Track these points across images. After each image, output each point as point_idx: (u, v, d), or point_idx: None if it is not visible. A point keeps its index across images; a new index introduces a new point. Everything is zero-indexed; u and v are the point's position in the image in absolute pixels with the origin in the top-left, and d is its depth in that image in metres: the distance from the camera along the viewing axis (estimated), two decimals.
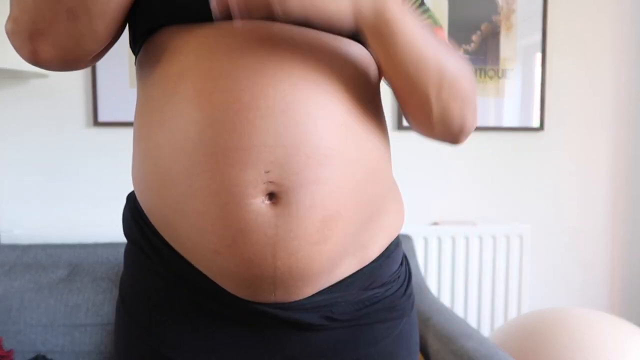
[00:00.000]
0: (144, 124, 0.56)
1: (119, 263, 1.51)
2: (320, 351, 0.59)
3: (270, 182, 0.50)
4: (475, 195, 1.89)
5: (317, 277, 0.55)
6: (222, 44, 0.52)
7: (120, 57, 1.65)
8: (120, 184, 1.69)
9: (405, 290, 0.66)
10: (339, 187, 0.52)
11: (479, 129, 1.85)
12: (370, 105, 0.58)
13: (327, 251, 0.53)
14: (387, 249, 0.64)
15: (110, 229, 1.66)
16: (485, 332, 1.82)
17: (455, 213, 1.88)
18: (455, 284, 1.80)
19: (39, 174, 1.68)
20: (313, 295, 0.57)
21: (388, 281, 0.63)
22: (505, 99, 1.85)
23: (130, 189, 0.65)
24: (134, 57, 0.67)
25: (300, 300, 0.56)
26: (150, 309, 0.60)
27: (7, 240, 1.62)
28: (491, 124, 1.86)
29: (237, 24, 0.53)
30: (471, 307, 1.82)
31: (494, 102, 1.85)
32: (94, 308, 1.40)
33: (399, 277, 0.65)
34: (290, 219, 0.50)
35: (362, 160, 0.55)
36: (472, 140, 1.87)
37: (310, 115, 0.51)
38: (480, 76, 1.83)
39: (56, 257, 1.53)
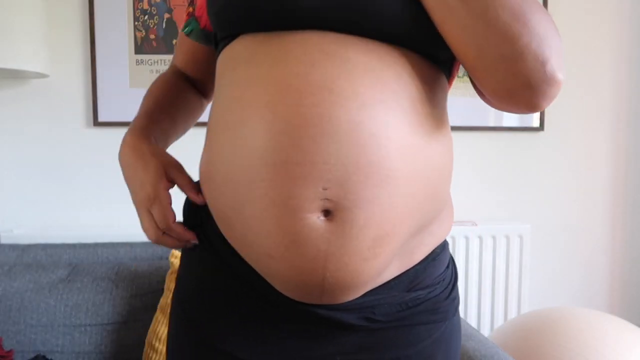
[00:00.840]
0: (214, 126, 0.59)
1: (119, 263, 1.51)
2: (360, 350, 0.60)
3: (327, 199, 0.50)
4: (475, 195, 1.89)
5: (363, 286, 0.56)
6: (293, 55, 0.53)
7: (120, 57, 1.65)
8: (120, 184, 1.69)
9: (450, 293, 0.66)
10: (395, 207, 0.53)
11: (479, 129, 1.85)
12: (436, 123, 0.58)
13: (375, 266, 0.54)
14: (433, 251, 0.64)
15: (110, 229, 1.66)
16: (485, 332, 1.82)
17: (455, 213, 1.87)
18: None
19: (39, 174, 1.68)
20: (357, 297, 0.58)
21: (432, 283, 0.63)
22: None
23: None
24: (134, 57, 0.70)
25: (344, 302, 0.57)
26: (203, 301, 0.63)
27: (7, 240, 1.62)
28: (491, 124, 1.86)
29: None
30: (471, 307, 1.82)
31: None
32: (94, 308, 1.40)
33: (443, 279, 0.65)
34: (343, 236, 0.51)
35: (423, 180, 0.55)
36: (472, 140, 1.87)
37: (374, 136, 0.51)
38: None
39: (56, 257, 1.53)
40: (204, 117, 0.80)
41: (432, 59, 0.58)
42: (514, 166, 1.91)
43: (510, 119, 1.88)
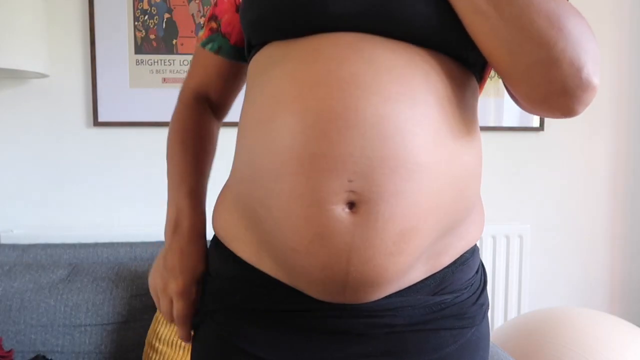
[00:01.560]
0: (245, 125, 0.60)
1: (119, 263, 1.51)
2: (383, 354, 0.59)
3: (352, 191, 0.51)
4: None
5: (388, 284, 0.56)
6: (322, 53, 0.55)
7: (120, 57, 1.65)
8: (120, 184, 1.69)
9: (478, 298, 0.65)
10: (420, 202, 0.53)
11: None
12: (464, 123, 0.58)
13: (401, 262, 0.54)
14: (462, 256, 0.63)
15: (110, 229, 1.66)
16: None
17: None
18: None
19: (39, 174, 1.68)
20: (381, 298, 0.58)
21: (459, 288, 0.62)
22: (505, 98, 1.85)
23: (130, 188, 0.66)
24: (134, 57, 0.70)
25: (368, 303, 0.57)
26: (221, 298, 0.64)
27: (7, 240, 1.62)
28: (491, 124, 1.86)
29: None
30: None
31: (494, 102, 1.85)
32: (94, 308, 1.40)
33: (472, 284, 0.64)
34: (368, 229, 0.52)
35: (449, 177, 0.55)
36: None
37: (399, 129, 0.51)
38: None
39: (56, 257, 1.53)
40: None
41: (463, 61, 0.59)
42: (514, 166, 1.91)
43: (510, 119, 1.88)
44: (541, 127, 1.89)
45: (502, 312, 1.84)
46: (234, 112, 0.76)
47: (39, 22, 1.50)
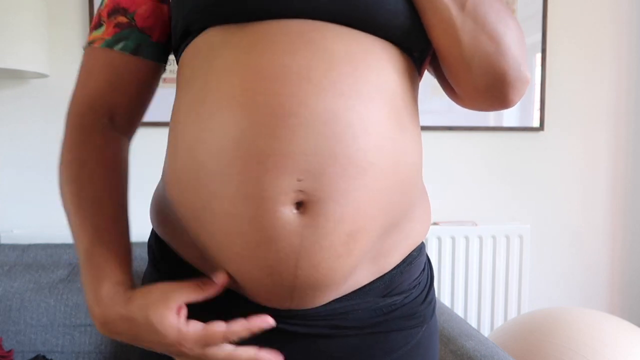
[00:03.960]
0: (181, 119, 0.55)
1: None
2: (333, 358, 0.58)
3: (301, 191, 0.49)
4: (475, 195, 1.89)
5: (336, 287, 0.54)
6: (270, 42, 0.51)
7: None
8: None
9: (426, 296, 0.64)
10: (370, 201, 0.51)
11: (479, 129, 1.85)
12: (410, 118, 0.57)
13: (348, 264, 0.53)
14: (409, 255, 0.62)
15: None
16: (485, 332, 1.82)
17: (455, 213, 1.87)
18: (455, 283, 1.80)
19: (39, 174, 1.68)
20: (329, 303, 0.56)
21: (408, 288, 0.62)
22: None
23: (129, 188, 0.64)
24: None
25: (316, 307, 0.56)
26: None
27: (7, 240, 1.62)
28: (491, 124, 1.86)
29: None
30: (471, 307, 1.82)
31: None
32: None
33: (419, 283, 0.64)
34: (317, 230, 0.50)
35: (395, 172, 0.54)
36: (472, 140, 1.87)
37: (351, 126, 0.50)
38: None
39: (56, 257, 1.53)
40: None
41: (409, 54, 0.58)
42: (514, 166, 1.91)
43: (510, 119, 1.88)
44: (541, 127, 1.89)
45: (502, 312, 1.84)
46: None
47: (39, 22, 1.50)
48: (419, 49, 0.58)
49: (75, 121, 0.62)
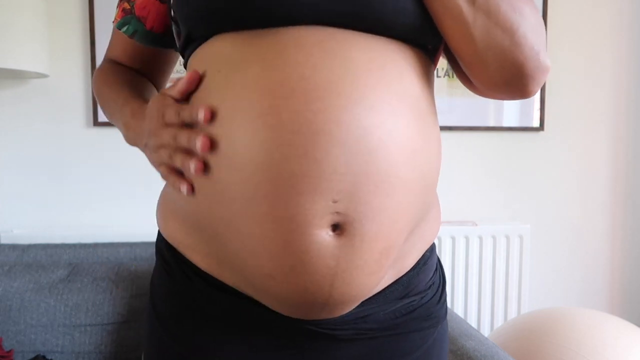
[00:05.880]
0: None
1: (119, 263, 1.51)
2: (356, 358, 0.58)
3: (337, 212, 0.47)
4: (475, 195, 1.89)
5: (364, 298, 0.54)
6: (288, 55, 0.48)
7: None
8: (120, 184, 1.69)
9: (440, 297, 0.64)
10: (399, 215, 0.51)
11: (479, 129, 1.85)
12: (430, 116, 0.56)
13: (379, 278, 0.53)
14: (423, 255, 0.62)
15: (110, 229, 1.66)
16: (485, 332, 1.82)
17: (456, 213, 1.87)
18: (456, 283, 1.80)
19: (39, 174, 1.68)
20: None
21: (424, 289, 0.62)
22: None
23: (129, 188, 0.65)
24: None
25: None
26: (184, 318, 0.58)
27: (7, 240, 1.62)
28: (491, 124, 1.86)
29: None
30: (471, 307, 1.82)
31: (494, 102, 1.85)
32: (94, 308, 1.40)
33: (433, 283, 0.64)
34: (352, 250, 0.49)
35: (421, 183, 0.53)
36: (472, 140, 1.87)
37: (382, 141, 0.48)
38: None
39: (56, 257, 1.53)
40: None
41: (423, 49, 0.57)
42: (514, 166, 1.91)
43: (510, 119, 1.88)
44: (541, 127, 1.89)
45: (502, 312, 1.84)
46: None
47: (39, 22, 1.50)
48: (432, 42, 0.57)
49: (103, 63, 0.75)
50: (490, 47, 0.53)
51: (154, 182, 1.69)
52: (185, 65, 0.61)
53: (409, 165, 0.50)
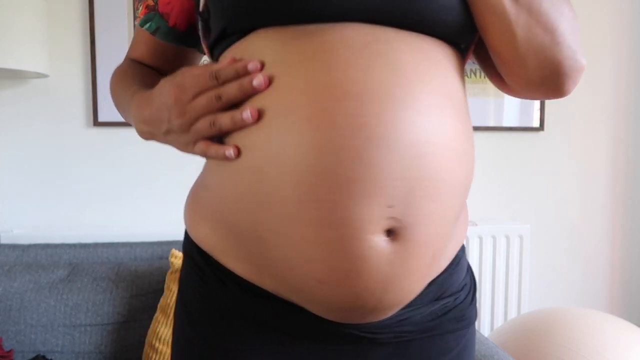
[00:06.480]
0: (239, 138, 0.50)
1: (119, 263, 1.51)
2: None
3: (392, 217, 0.47)
4: (475, 195, 1.89)
5: (408, 302, 0.54)
6: (341, 56, 0.47)
7: (120, 57, 1.65)
8: (120, 184, 1.69)
9: (472, 299, 0.64)
10: (447, 219, 0.51)
11: (479, 129, 1.85)
12: (467, 116, 0.55)
13: (427, 282, 0.53)
14: (456, 256, 0.62)
15: (110, 229, 1.66)
16: (485, 332, 1.82)
17: None
18: None
19: (39, 174, 1.68)
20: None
21: (457, 290, 0.62)
22: (505, 99, 1.85)
23: (130, 188, 0.64)
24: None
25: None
26: (217, 321, 0.57)
27: (7, 240, 1.62)
28: (491, 124, 1.86)
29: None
30: None
31: (494, 102, 1.85)
32: (94, 308, 1.40)
33: (466, 284, 0.64)
34: (406, 255, 0.49)
35: (463, 184, 0.53)
36: None
37: (433, 145, 0.48)
38: (480, 76, 1.83)
39: (56, 257, 1.52)
40: None
41: (457, 48, 0.56)
42: (514, 166, 1.91)
43: (510, 119, 1.88)
44: (541, 127, 1.89)
45: (502, 312, 1.83)
46: None
47: (39, 22, 1.50)
48: (467, 41, 0.57)
49: (122, 62, 0.73)
50: (531, 45, 0.53)
51: (154, 182, 1.69)
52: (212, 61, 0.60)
53: (455, 169, 0.50)
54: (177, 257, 1.41)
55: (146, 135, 0.59)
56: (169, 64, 0.71)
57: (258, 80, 0.48)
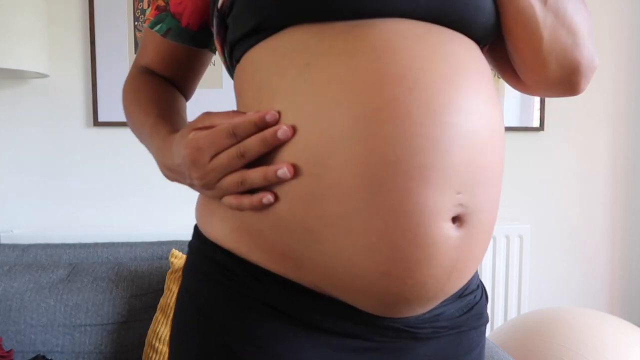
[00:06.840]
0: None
1: (119, 263, 1.51)
2: (427, 358, 0.58)
3: (460, 204, 0.48)
4: None
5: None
6: (400, 46, 0.47)
7: (120, 57, 1.65)
8: (120, 184, 1.69)
9: (486, 298, 0.66)
10: (498, 205, 0.53)
11: None
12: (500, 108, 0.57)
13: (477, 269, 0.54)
14: None
15: (110, 229, 1.66)
16: (486, 332, 1.82)
17: None
18: None
19: (39, 174, 1.68)
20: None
21: (475, 288, 0.62)
22: (505, 98, 1.85)
23: (129, 188, 0.64)
24: (134, 57, 0.67)
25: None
26: (249, 322, 0.53)
27: (7, 240, 1.62)
28: None
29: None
30: None
31: None
32: (94, 308, 1.40)
33: (479, 284, 0.65)
34: (471, 241, 0.49)
35: (501, 168, 0.54)
36: None
37: (490, 131, 0.50)
38: None
39: (56, 257, 1.53)
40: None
41: (479, 45, 0.57)
42: (514, 166, 1.91)
43: (510, 119, 1.88)
44: (541, 127, 1.89)
45: (502, 312, 1.83)
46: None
47: (39, 22, 1.50)
48: (489, 42, 0.59)
49: (132, 71, 0.70)
50: (554, 46, 0.55)
51: (154, 182, 1.69)
52: (232, 63, 0.58)
53: (502, 154, 0.53)
54: (177, 257, 1.41)
55: (171, 180, 0.58)
56: (181, 68, 0.70)
57: (284, 132, 0.47)
